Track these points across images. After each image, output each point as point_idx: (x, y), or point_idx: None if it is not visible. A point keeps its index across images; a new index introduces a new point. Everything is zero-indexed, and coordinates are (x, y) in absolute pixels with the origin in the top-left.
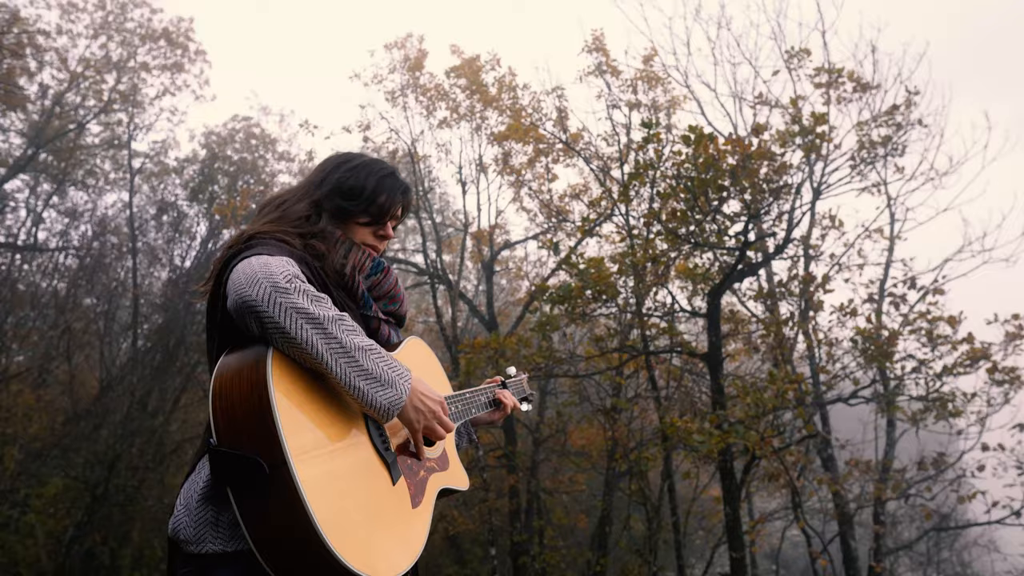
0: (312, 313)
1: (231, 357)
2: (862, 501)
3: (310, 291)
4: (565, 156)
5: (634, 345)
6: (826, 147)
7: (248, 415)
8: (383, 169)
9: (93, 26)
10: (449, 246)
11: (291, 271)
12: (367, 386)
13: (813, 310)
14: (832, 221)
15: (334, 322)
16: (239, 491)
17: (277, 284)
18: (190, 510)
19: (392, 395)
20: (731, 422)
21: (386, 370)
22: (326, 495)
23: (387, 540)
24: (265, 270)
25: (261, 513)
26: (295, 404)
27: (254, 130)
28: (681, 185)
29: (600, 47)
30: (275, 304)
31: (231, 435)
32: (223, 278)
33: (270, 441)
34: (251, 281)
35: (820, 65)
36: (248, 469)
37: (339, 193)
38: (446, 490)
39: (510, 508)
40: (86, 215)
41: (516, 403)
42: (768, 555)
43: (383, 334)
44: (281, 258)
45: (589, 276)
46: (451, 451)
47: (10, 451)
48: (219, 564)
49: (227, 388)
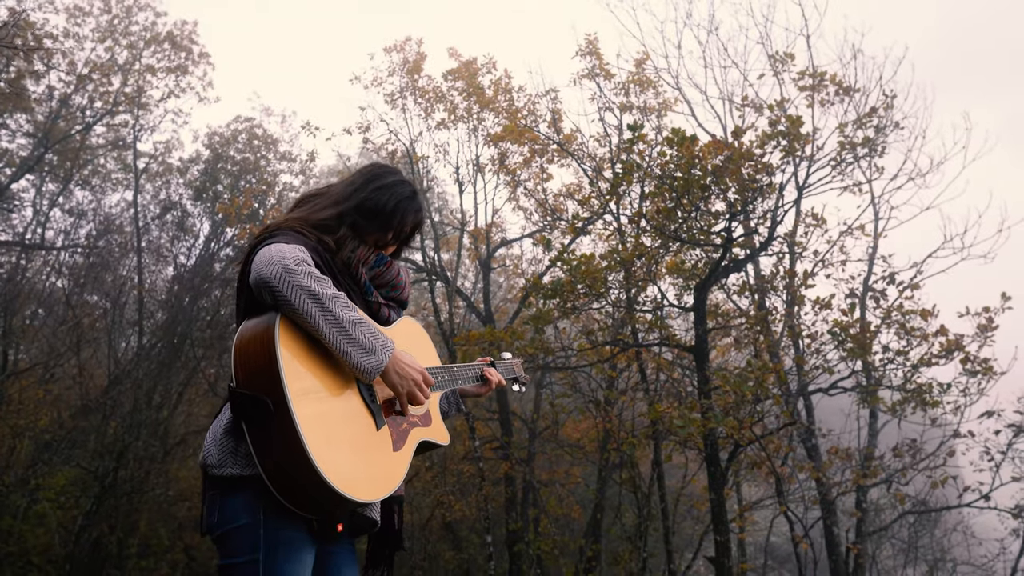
0: (313, 291)
1: (250, 321)
2: (843, 488)
3: (314, 274)
4: (559, 157)
5: (625, 339)
6: (809, 148)
7: (259, 365)
8: (404, 191)
9: (99, 29)
10: (447, 244)
11: (300, 256)
12: (354, 351)
13: (796, 305)
14: (816, 219)
15: (332, 299)
16: (250, 423)
17: (287, 266)
18: (216, 440)
19: (374, 360)
20: (714, 410)
21: (371, 340)
22: (317, 428)
23: (367, 471)
24: (280, 255)
25: (266, 441)
26: (297, 358)
27: (256, 131)
28: (666, 185)
29: (593, 51)
30: (284, 282)
31: (246, 380)
32: (249, 259)
33: (275, 385)
34: (268, 263)
35: (804, 69)
36: (258, 406)
37: (361, 211)
38: (427, 443)
39: (506, 496)
40: (91, 214)
41: (502, 380)
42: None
43: (383, 315)
44: (295, 246)
45: (579, 272)
46: (435, 412)
47: (21, 443)
48: (237, 486)
49: (245, 344)
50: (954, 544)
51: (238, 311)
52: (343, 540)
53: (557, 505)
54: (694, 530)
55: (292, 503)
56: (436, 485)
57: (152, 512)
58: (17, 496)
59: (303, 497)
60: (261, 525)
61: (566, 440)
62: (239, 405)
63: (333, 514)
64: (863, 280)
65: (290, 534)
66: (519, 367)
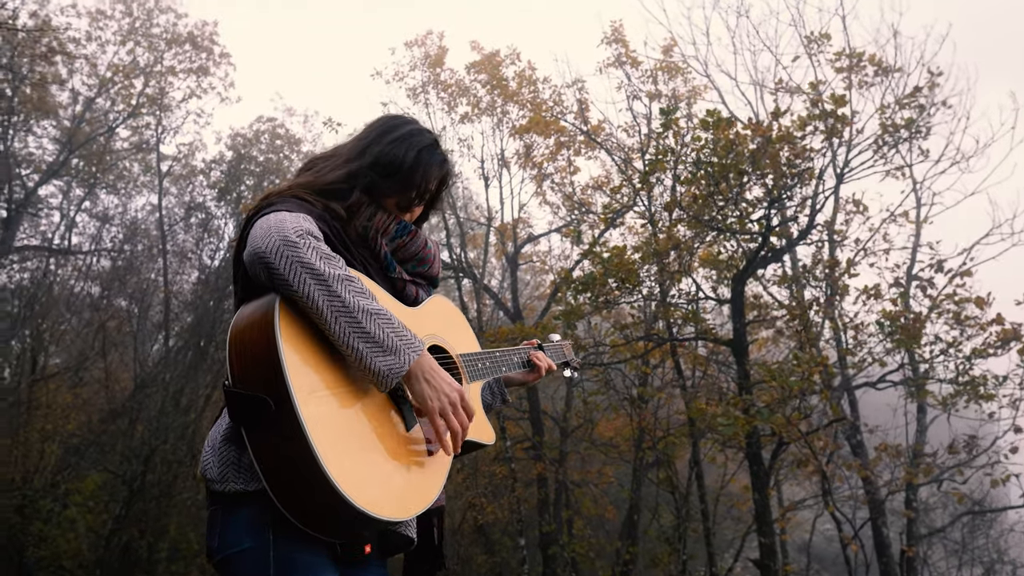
0: (317, 269)
1: (247, 306)
2: (893, 487)
3: (321, 248)
4: (587, 148)
5: (659, 334)
6: (848, 131)
7: (257, 358)
8: (424, 139)
9: (121, 32)
10: (473, 241)
11: (304, 227)
12: (367, 348)
13: (838, 295)
14: (856, 206)
15: (340, 281)
16: (250, 428)
17: (287, 238)
18: (215, 450)
19: (392, 363)
20: (757, 406)
21: (391, 336)
22: (331, 433)
23: (397, 482)
24: (279, 224)
25: (270, 451)
26: (302, 348)
27: (279, 131)
28: (701, 171)
29: (619, 38)
30: (282, 256)
31: (243, 377)
32: (245, 234)
33: (276, 381)
34: (264, 234)
35: (841, 50)
36: (257, 407)
37: (376, 167)
38: (469, 443)
39: (539, 498)
40: (117, 218)
41: (552, 364)
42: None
43: (410, 293)
44: (298, 215)
45: (611, 264)
46: (476, 404)
47: (50, 447)
48: (241, 502)
49: (241, 334)
50: (1011, 545)
51: (236, 300)
52: (373, 562)
53: (592, 506)
54: (735, 531)
55: (308, 525)
56: (468, 487)
57: (181, 516)
58: (46, 501)
59: (320, 517)
60: (271, 547)
61: (599, 439)
62: (236, 407)
63: (358, 535)
64: (907, 269)
65: (307, 558)
66: (569, 349)
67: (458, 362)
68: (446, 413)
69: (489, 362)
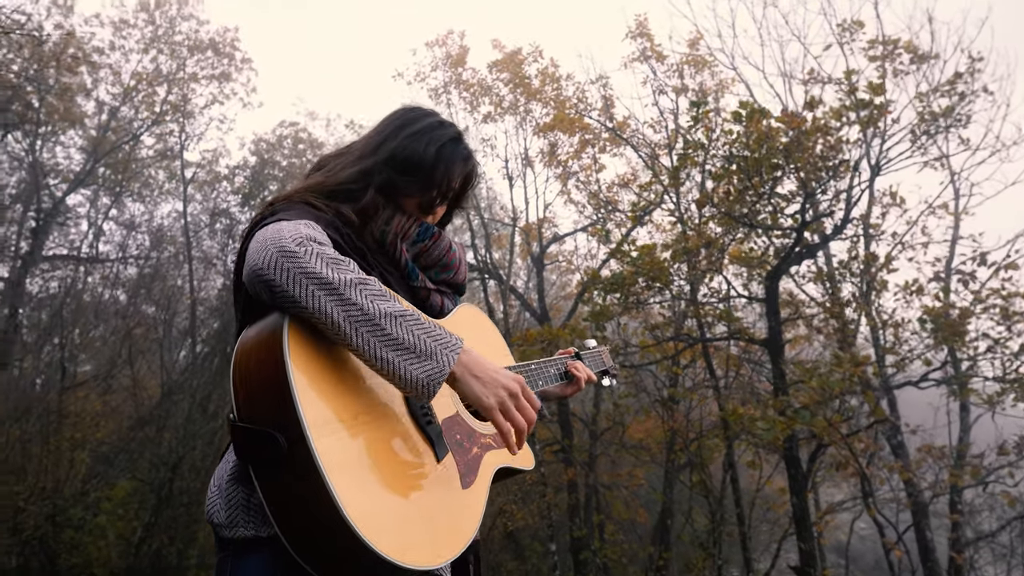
0: (324, 277)
1: (251, 329)
2: (937, 489)
3: (326, 254)
4: (612, 145)
5: (689, 333)
6: (884, 120)
7: (264, 387)
8: (446, 133)
9: (144, 41)
10: (498, 242)
11: (304, 233)
12: (398, 358)
13: (876, 290)
14: (893, 198)
15: (353, 286)
16: (259, 468)
17: (284, 248)
18: (222, 491)
19: (430, 368)
20: (795, 408)
21: (423, 339)
22: (348, 470)
23: (428, 524)
24: (275, 235)
25: (281, 492)
26: (316, 373)
27: (301, 135)
28: (733, 165)
29: (644, 32)
30: (281, 269)
31: (249, 409)
32: (245, 248)
33: (286, 414)
34: (260, 248)
35: (874, 37)
36: (266, 444)
37: (393, 164)
38: (506, 469)
39: (569, 503)
40: (143, 225)
41: (592, 375)
42: (835, 548)
43: (434, 304)
44: (298, 222)
45: (642, 263)
46: None
47: (80, 455)
48: (252, 550)
49: (245, 360)
50: None
51: (237, 325)
52: None
53: (623, 509)
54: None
55: (325, 574)
56: (498, 493)
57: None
58: (77, 509)
59: (338, 566)
60: None
61: (629, 441)
62: (243, 443)
63: None
64: (946, 262)
65: None
66: (608, 356)
67: None
68: (507, 408)
69: (525, 375)
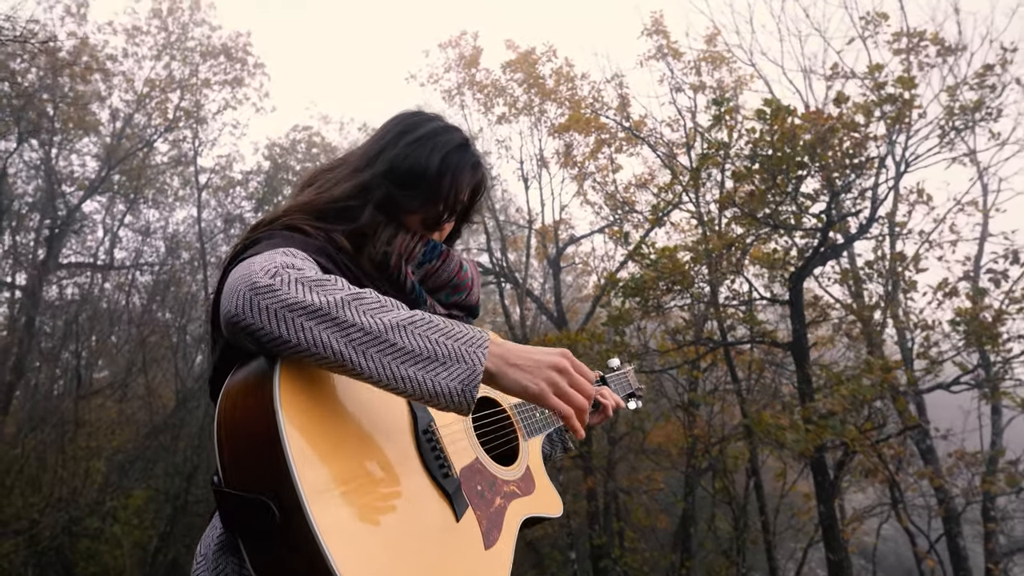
0: (310, 304)
1: (237, 375)
2: (970, 496)
3: (306, 277)
4: (628, 145)
5: (710, 336)
6: (910, 116)
7: (253, 447)
8: (451, 139)
9: (156, 47)
10: (513, 244)
11: (279, 262)
12: (420, 372)
13: (904, 291)
14: (920, 195)
15: (346, 305)
16: (249, 540)
17: (256, 284)
18: (208, 560)
19: (461, 372)
20: (822, 414)
21: (443, 342)
22: (355, 542)
23: None
24: (245, 273)
25: (275, 567)
26: (314, 426)
27: (315, 139)
28: (757, 164)
29: (660, 29)
30: (258, 309)
31: (236, 472)
32: (222, 286)
33: (280, 478)
34: (231, 293)
35: (899, 30)
36: (256, 513)
37: (393, 176)
38: (532, 519)
39: (588, 510)
40: (159, 232)
41: (620, 402)
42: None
43: None
44: (273, 252)
45: (663, 266)
46: (537, 469)
47: (96, 464)
48: None
49: (230, 413)
50: None
51: (210, 368)
52: None
53: (642, 515)
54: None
55: None
56: None
57: None
58: (93, 519)
59: None
60: None
61: (649, 445)
62: (229, 512)
63: None
64: (975, 260)
65: None
66: (633, 377)
67: (512, 415)
68: (561, 389)
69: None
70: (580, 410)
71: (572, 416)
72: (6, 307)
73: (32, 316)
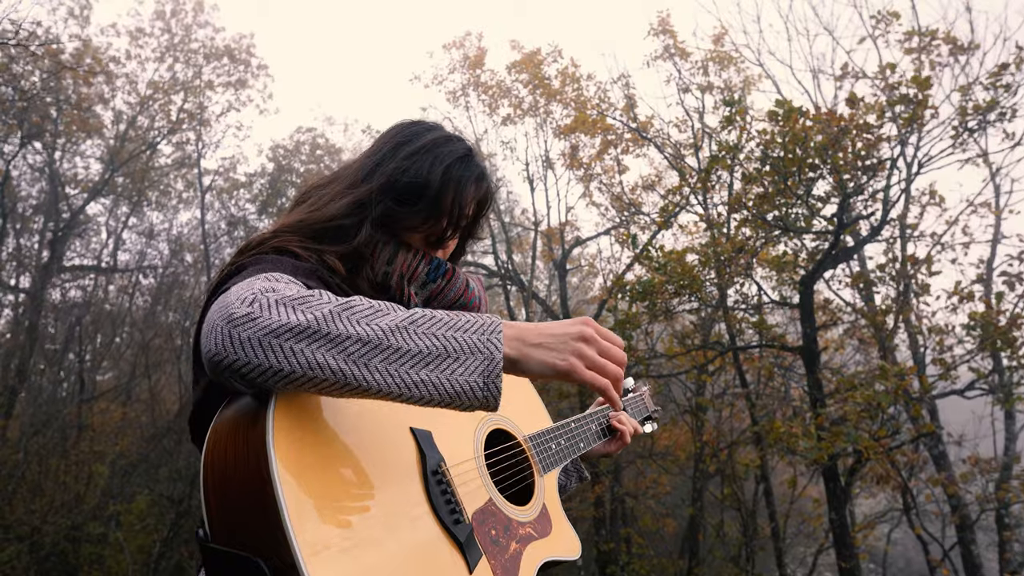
0: (296, 324)
1: (226, 412)
2: (984, 504)
3: (286, 297)
4: (635, 146)
5: (719, 340)
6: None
7: (244, 498)
8: (453, 150)
9: (160, 49)
10: (519, 246)
11: (257, 288)
12: (433, 373)
13: (917, 294)
14: (932, 196)
15: (335, 317)
16: None
17: (234, 317)
18: None
19: (478, 364)
20: (834, 420)
21: (452, 336)
22: None
23: None
24: (221, 307)
25: None
26: (313, 474)
27: (319, 140)
28: (767, 167)
29: (667, 29)
30: (238, 343)
31: (224, 526)
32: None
33: (274, 536)
34: (209, 330)
35: (910, 28)
36: (246, 572)
37: (392, 192)
38: (551, 562)
39: (595, 515)
40: (162, 234)
41: (638, 427)
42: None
43: None
44: (252, 279)
45: (672, 270)
46: (554, 507)
47: (99, 468)
48: None
49: (219, 457)
50: None
51: (194, 405)
52: None
53: (650, 520)
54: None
55: None
56: None
57: None
58: (96, 524)
59: None
60: None
61: (655, 450)
62: (216, 569)
63: None
64: (987, 263)
65: None
66: (649, 399)
67: (527, 449)
68: (591, 359)
69: (565, 440)
70: (616, 380)
71: (610, 387)
72: (10, 310)
73: (35, 320)
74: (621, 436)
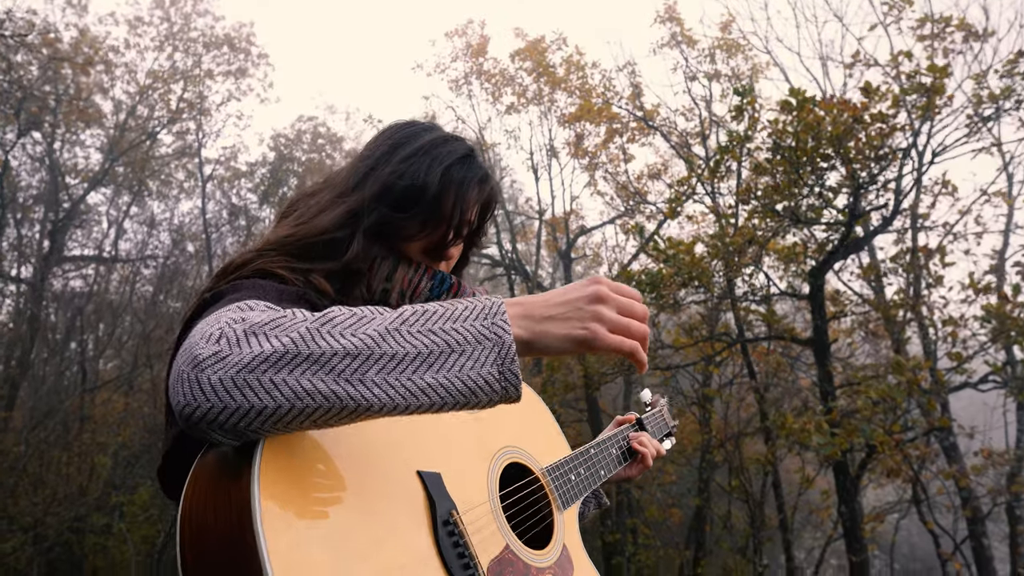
0: (271, 353)
1: (207, 456)
2: (996, 497)
3: (255, 324)
4: (641, 135)
5: (726, 331)
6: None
7: (226, 565)
8: (453, 151)
9: (159, 38)
10: (523, 235)
11: (225, 319)
12: (439, 376)
13: (930, 285)
14: (945, 186)
15: (316, 334)
16: None
17: (198, 359)
18: None
19: (488, 352)
20: (844, 413)
21: (450, 328)
22: None
23: None
24: (187, 353)
25: None
26: (308, 532)
27: (320, 129)
28: (779, 156)
29: (673, 16)
30: (209, 389)
31: None
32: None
33: None
34: (176, 379)
35: (924, 15)
36: None
37: (388, 198)
38: None
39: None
40: (164, 224)
41: (660, 448)
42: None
43: None
44: (220, 312)
45: (681, 261)
46: (575, 546)
47: (101, 459)
48: None
49: (198, 508)
50: None
51: (164, 448)
52: None
53: (658, 512)
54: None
55: None
56: None
57: None
58: (99, 515)
59: None
60: None
61: None
62: None
63: None
64: (1000, 252)
65: None
66: (668, 414)
67: (545, 483)
68: (613, 321)
69: (584, 469)
70: (643, 338)
71: (639, 349)
72: (11, 300)
73: (37, 310)
74: (643, 459)
